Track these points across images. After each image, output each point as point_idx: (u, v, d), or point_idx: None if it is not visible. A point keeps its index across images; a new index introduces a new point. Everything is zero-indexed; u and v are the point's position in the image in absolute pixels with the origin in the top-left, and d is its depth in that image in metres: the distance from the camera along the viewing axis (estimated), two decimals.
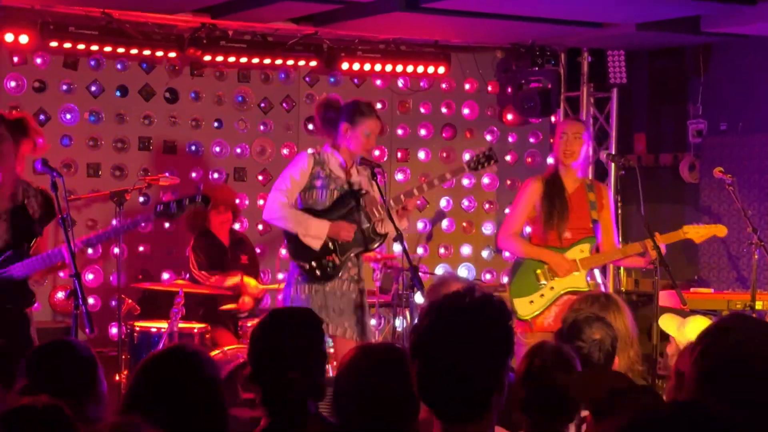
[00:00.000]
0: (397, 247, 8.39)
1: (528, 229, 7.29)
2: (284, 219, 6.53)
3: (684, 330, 5.35)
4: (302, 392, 3.58)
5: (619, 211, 7.83)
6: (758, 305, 7.49)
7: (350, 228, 6.54)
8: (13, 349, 5.55)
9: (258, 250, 8.93)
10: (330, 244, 6.53)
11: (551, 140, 10.52)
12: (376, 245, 6.74)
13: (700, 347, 2.60)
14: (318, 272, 6.51)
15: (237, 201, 8.77)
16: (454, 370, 2.61)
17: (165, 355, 3.39)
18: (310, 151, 6.81)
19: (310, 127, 9.71)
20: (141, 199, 9.00)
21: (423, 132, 10.31)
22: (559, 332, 4.55)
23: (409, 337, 2.86)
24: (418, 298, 8.12)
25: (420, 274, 6.11)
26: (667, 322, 5.49)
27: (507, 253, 10.18)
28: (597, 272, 7.07)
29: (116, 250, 7.35)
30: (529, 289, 6.85)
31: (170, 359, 3.34)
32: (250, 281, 8.10)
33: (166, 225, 9.17)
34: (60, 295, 8.60)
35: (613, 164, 6.65)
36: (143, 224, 6.06)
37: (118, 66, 9.13)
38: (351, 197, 6.61)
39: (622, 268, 9.79)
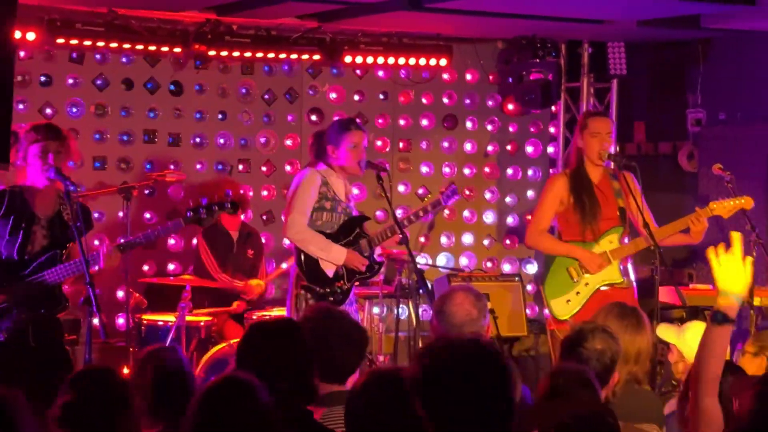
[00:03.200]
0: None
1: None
2: (307, 241, 6.68)
3: (684, 337, 5.38)
4: (293, 398, 3.71)
5: None
6: (756, 301, 7.50)
7: (363, 260, 6.72)
8: (48, 356, 5.57)
9: (263, 239, 9.06)
10: (340, 270, 6.70)
11: (551, 130, 10.65)
12: (375, 272, 6.96)
13: (759, 387, 2.71)
14: (331, 298, 6.67)
15: (241, 192, 8.88)
16: (460, 420, 2.74)
17: (220, 386, 3.29)
18: (313, 169, 6.84)
19: (314, 118, 9.85)
20: (146, 191, 9.10)
21: (425, 122, 10.36)
22: (565, 338, 4.65)
23: (410, 379, 2.99)
24: None
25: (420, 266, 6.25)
26: (665, 332, 5.51)
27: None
28: (630, 269, 6.93)
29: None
30: (565, 287, 6.76)
31: (226, 391, 3.26)
32: (253, 283, 8.22)
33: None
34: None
35: (613, 163, 6.70)
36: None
37: (123, 59, 9.20)
38: (356, 224, 6.79)
39: None
